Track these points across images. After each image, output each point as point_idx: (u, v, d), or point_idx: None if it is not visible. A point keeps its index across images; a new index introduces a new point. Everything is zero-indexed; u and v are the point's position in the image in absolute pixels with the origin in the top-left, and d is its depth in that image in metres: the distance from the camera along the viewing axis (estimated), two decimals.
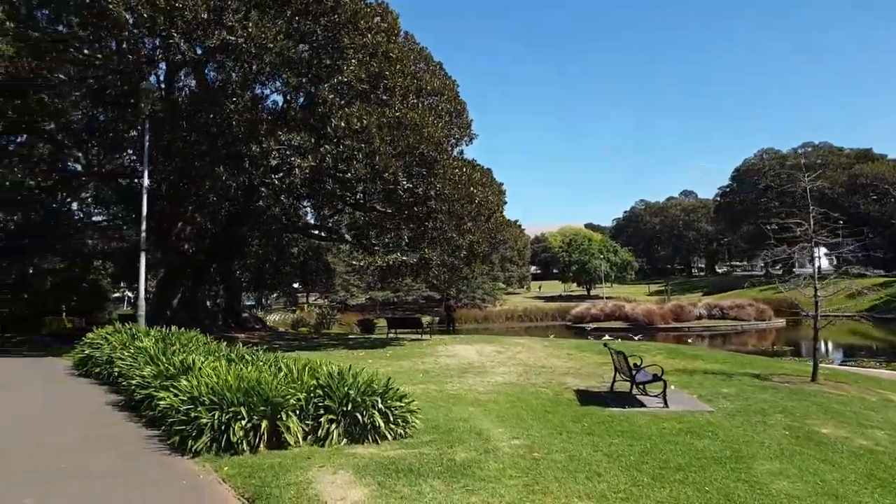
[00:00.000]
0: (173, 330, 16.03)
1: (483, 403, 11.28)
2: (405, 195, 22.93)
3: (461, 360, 18.45)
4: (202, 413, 7.69)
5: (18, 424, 9.48)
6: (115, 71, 21.83)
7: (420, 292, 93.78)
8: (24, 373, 15.88)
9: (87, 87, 26.18)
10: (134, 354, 12.48)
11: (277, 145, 19.67)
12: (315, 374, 8.83)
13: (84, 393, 12.52)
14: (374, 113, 20.05)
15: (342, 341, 27.40)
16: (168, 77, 26.77)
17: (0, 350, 23.45)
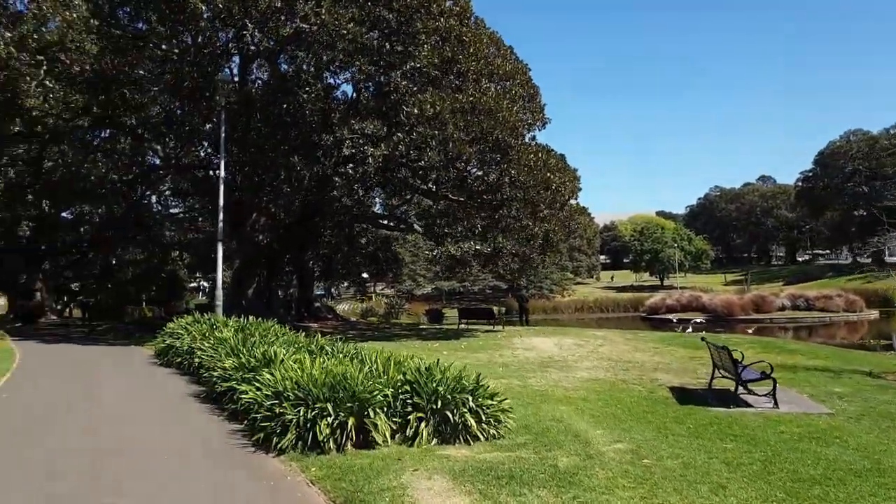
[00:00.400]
0: (250, 320, 16.03)
1: (573, 401, 10.62)
2: (478, 182, 22.38)
3: (540, 353, 17.79)
4: (287, 409, 7.35)
5: (105, 415, 9.44)
6: (192, 63, 22.00)
7: (486, 282, 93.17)
8: (109, 362, 16.18)
9: (165, 82, 26.71)
10: (214, 345, 12.41)
11: (350, 134, 19.44)
12: (401, 369, 8.38)
13: (166, 383, 12.54)
14: (448, 98, 19.52)
15: (414, 331, 27.13)
16: (241, 69, 27.01)
17: (88, 338, 24.23)
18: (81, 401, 10.46)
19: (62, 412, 9.56)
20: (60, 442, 7.76)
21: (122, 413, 9.48)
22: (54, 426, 8.60)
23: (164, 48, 25.53)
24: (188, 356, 13.66)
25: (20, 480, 6.29)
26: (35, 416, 9.22)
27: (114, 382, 12.69)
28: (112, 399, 10.73)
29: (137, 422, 8.88)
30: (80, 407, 9.95)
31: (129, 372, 14.14)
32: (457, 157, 19.23)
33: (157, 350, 17.07)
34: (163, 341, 16.06)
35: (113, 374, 13.90)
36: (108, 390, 11.69)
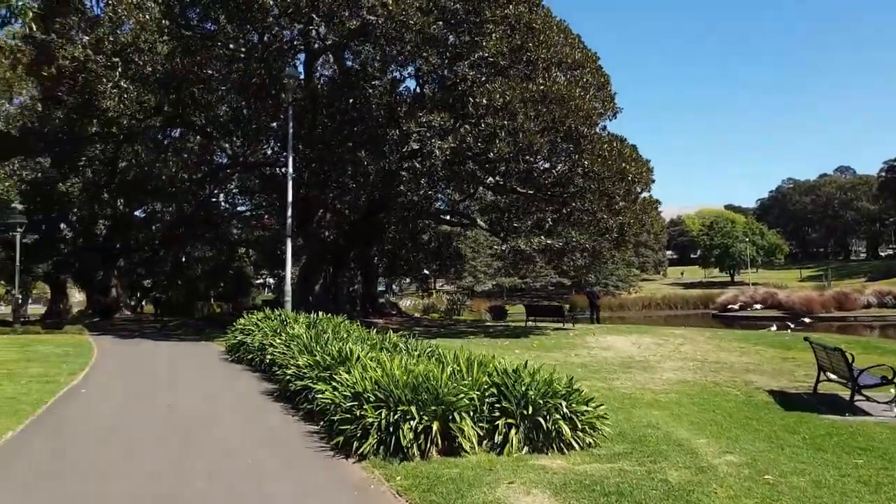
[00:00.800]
0: (320, 316, 15.79)
1: (665, 405, 9.85)
2: (546, 174, 21.65)
3: (618, 352, 16.95)
4: (368, 411, 6.90)
5: (180, 414, 9.25)
6: (259, 60, 22.04)
7: (549, 279, 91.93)
8: (182, 358, 16.25)
9: (232, 81, 27.01)
10: (286, 342, 12.16)
11: (417, 127, 19.00)
12: (485, 370, 7.83)
13: (239, 381, 12.37)
14: (517, 87, 18.86)
15: (480, 328, 26.58)
16: (307, 66, 27.02)
17: (160, 333, 24.67)
18: (156, 399, 10.33)
19: (136, 411, 9.42)
20: (137, 442, 7.54)
21: (197, 413, 9.27)
22: (129, 427, 8.43)
23: (231, 47, 25.77)
24: (260, 353, 13.50)
25: (95, 482, 6.05)
26: (110, 415, 9.10)
27: (187, 380, 12.61)
28: (186, 397, 10.57)
29: (212, 423, 8.62)
30: (154, 405, 9.80)
31: (202, 369, 14.09)
32: (527, 147, 18.56)
33: (227, 346, 17.07)
34: (233, 337, 16.00)
35: (185, 370, 13.88)
36: (181, 387, 11.59)
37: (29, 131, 26.70)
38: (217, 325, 27.18)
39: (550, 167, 21.40)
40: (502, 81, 18.88)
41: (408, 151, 19.26)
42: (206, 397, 10.51)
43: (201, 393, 10.99)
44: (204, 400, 10.27)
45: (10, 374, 12.03)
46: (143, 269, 49.28)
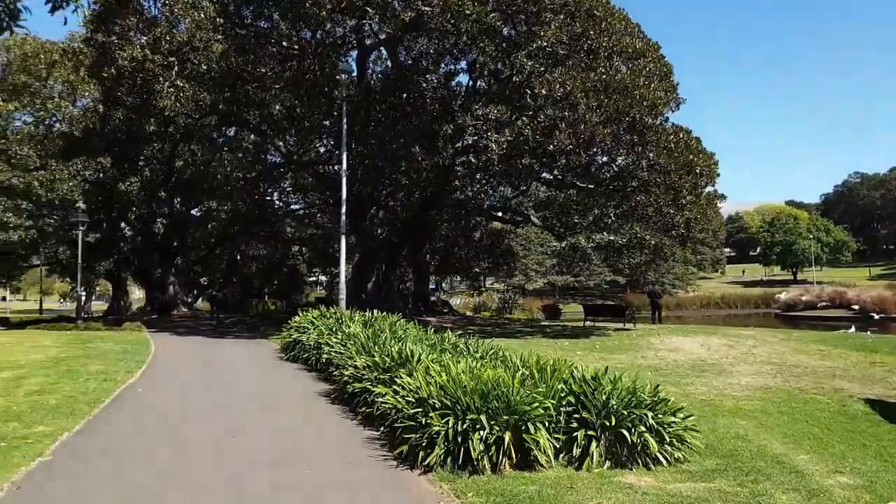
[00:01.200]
0: (375, 314, 15.41)
1: (750, 414, 9.05)
2: (605, 168, 20.80)
3: (687, 354, 16.04)
4: (434, 419, 6.37)
5: (234, 416, 8.92)
6: (313, 55, 21.83)
7: (603, 277, 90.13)
8: (238, 356, 16.09)
9: (285, 79, 26.99)
10: (343, 341, 11.78)
11: (473, 121, 18.42)
12: (561, 376, 7.21)
13: (295, 381, 12.05)
14: (579, 77, 18.08)
15: (536, 328, 25.82)
16: (359, 62, 26.76)
17: (216, 331, 24.77)
18: (210, 400, 10.06)
19: (191, 413, 9.14)
20: (192, 447, 7.20)
21: (252, 417, 8.92)
22: (183, 430, 8.11)
23: (284, 45, 25.71)
24: (315, 352, 13.17)
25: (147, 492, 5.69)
26: (164, 417, 8.82)
27: (242, 380, 12.34)
28: (241, 399, 10.26)
29: (269, 428, 8.23)
30: (209, 407, 9.51)
31: (257, 368, 13.84)
32: (589, 139, 17.78)
33: (283, 344, 16.87)
34: (289, 335, 15.74)
35: (240, 370, 13.65)
36: (236, 388, 11.29)
37: (91, 132, 27.21)
38: (272, 323, 27.20)
39: (611, 160, 20.52)
40: (562, 71, 18.13)
41: (462, 146, 18.70)
42: (261, 399, 10.17)
43: (257, 394, 10.67)
44: (260, 402, 9.93)
45: (71, 372, 11.98)
46: (199, 266, 50.18)
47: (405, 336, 11.29)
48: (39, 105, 34.72)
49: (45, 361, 13.35)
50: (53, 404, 8.79)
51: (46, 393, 9.67)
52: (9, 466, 6.05)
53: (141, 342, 18.33)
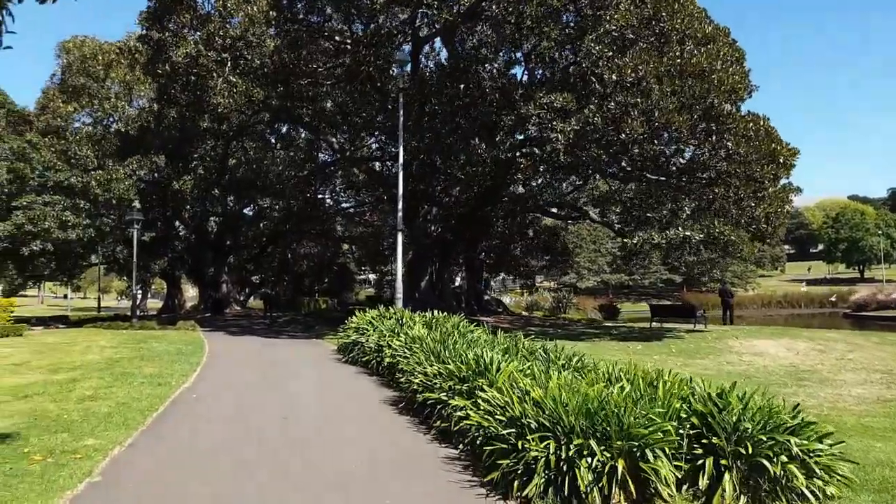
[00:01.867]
0: (436, 314, 14.55)
1: (882, 434, 7.84)
2: (679, 157, 19.49)
3: (776, 360, 14.70)
4: (532, 444, 5.43)
5: (295, 428, 8.16)
6: (368, 46, 21.15)
7: (658, 275, 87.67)
8: (294, 357, 15.44)
9: (336, 76, 26.50)
10: (407, 344, 10.94)
11: (536, 110, 17.39)
12: (675, 391, 6.18)
13: (356, 386, 11.27)
14: (651, 61, 16.86)
15: (601, 329, 24.56)
16: (413, 55, 25.99)
17: (270, 330, 24.35)
18: (268, 409, 9.34)
19: (248, 423, 8.41)
20: (250, 464, 6.43)
21: (315, 428, 8.15)
22: (239, 443, 7.36)
23: (337, 39, 25.16)
24: (376, 354, 12.40)
25: None
26: (220, 429, 8.12)
27: (300, 384, 11.59)
28: (301, 406, 9.51)
29: (334, 442, 7.43)
30: (267, 416, 8.78)
31: (315, 371, 13.12)
32: (663, 127, 16.55)
33: (340, 345, 16.21)
34: (346, 336, 15.03)
35: (298, 373, 12.93)
36: (294, 394, 10.55)
37: (146, 130, 27.18)
38: (325, 322, 26.72)
39: (681, 150, 19.22)
40: (633, 55, 16.94)
41: (525, 137, 17.68)
42: (323, 407, 9.41)
43: (317, 401, 9.93)
44: (321, 411, 9.17)
45: (125, 375, 11.48)
46: (251, 264, 50.33)
47: (476, 340, 10.37)
48: (97, 106, 35.17)
49: (100, 363, 12.94)
50: (105, 412, 8.18)
51: (99, 399, 9.11)
52: (53, 490, 5.37)
53: (195, 342, 17.94)
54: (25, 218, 22.92)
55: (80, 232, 24.50)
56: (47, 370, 12.03)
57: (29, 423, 7.54)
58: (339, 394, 10.62)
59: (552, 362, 8.79)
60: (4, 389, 10.05)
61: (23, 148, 24.17)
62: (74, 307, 69.61)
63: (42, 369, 12.17)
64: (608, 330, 23.79)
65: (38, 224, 23.17)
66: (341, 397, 10.31)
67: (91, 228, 25.52)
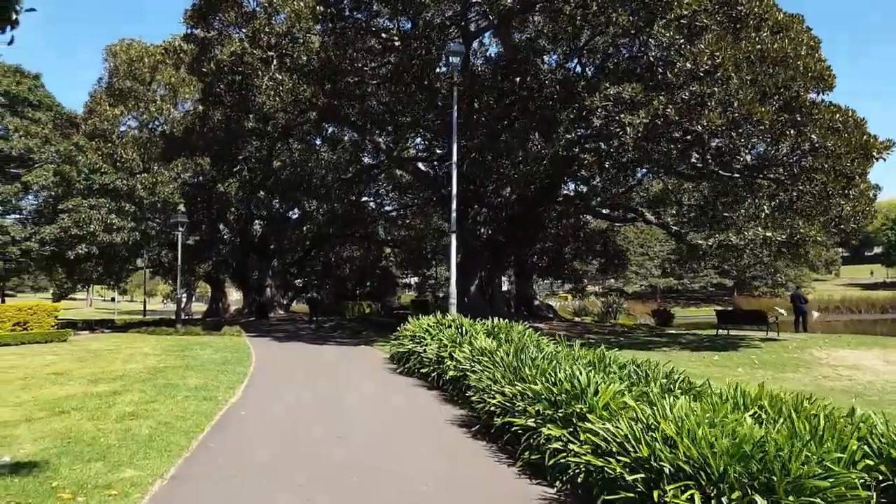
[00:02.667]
0: (498, 322, 13.44)
1: None
2: (745, 152, 18.02)
3: (877, 373, 13.18)
4: (672, 496, 4.27)
5: (354, 453, 7.14)
6: (418, 38, 20.19)
7: (708, 279, 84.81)
8: (345, 366, 14.49)
9: (381, 76, 25.66)
10: (474, 357, 9.84)
11: (602, 102, 16.15)
12: (836, 425, 4.95)
13: (416, 401, 10.21)
14: (728, 47, 15.47)
15: (666, 337, 23.07)
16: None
17: (316, 336, 23.54)
18: (323, 428, 8.34)
19: (302, 446, 7.42)
20: (311, 496, 5.42)
21: (383, 454, 7.11)
22: (294, 472, 6.35)
23: (384, 36, 24.31)
24: (437, 366, 11.35)
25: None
26: (271, 454, 7.14)
27: (355, 398, 10.59)
28: (358, 425, 8.49)
29: (408, 472, 6.37)
30: (323, 438, 7.78)
31: (370, 384, 12.10)
32: (743, 119, 15.13)
33: (392, 353, 15.23)
34: (401, 345, 14.00)
35: (351, 385, 11.95)
36: (350, 410, 9.55)
37: (191, 131, 26.73)
38: (372, 327, 25.85)
39: (756, 143, 17.74)
40: (709, 41, 15.57)
41: (588, 132, 16.47)
42: (385, 427, 8.36)
43: (375, 418, 8.89)
44: (384, 432, 8.12)
45: (168, 387, 10.65)
46: (294, 268, 49.97)
47: (554, 353, 9.19)
48: (143, 109, 35.09)
49: (143, 373, 12.16)
50: (146, 435, 7.28)
51: (140, 417, 8.23)
52: None
53: (241, 349, 17.16)
54: (71, 221, 22.60)
55: (126, 235, 24.12)
56: (88, 381, 11.29)
57: (61, 449, 6.66)
58: (399, 410, 9.57)
59: (650, 381, 7.59)
60: (42, 403, 9.29)
61: (69, 150, 23.90)
62: (121, 310, 70.59)
63: (83, 379, 11.44)
64: (674, 338, 22.31)
65: (84, 227, 22.83)
66: (402, 414, 9.26)
67: (136, 232, 25.16)
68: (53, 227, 22.61)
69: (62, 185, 23.17)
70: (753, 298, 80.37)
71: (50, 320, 18.15)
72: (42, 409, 8.86)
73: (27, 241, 21.88)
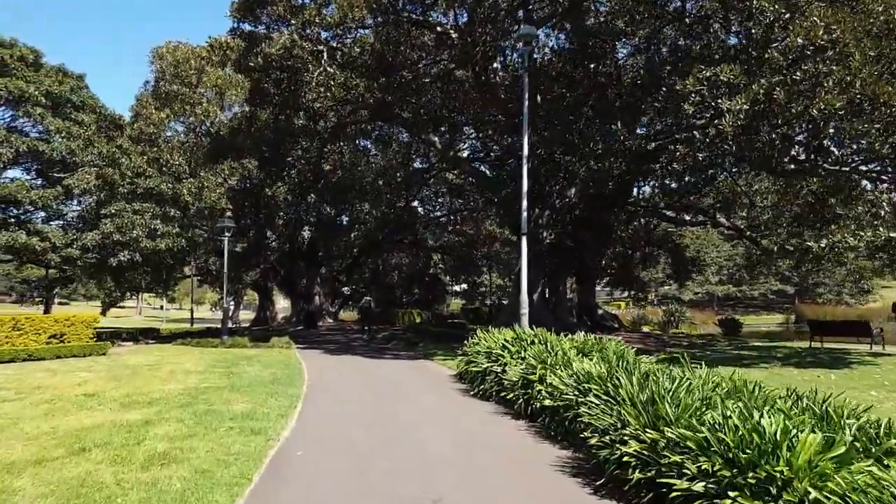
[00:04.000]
0: (588, 338, 11.53)
1: None
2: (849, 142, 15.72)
3: None
4: None
5: (444, 483, 5.37)
6: (483, 22, 18.46)
7: (768, 286, 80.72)
8: (409, 387, 12.72)
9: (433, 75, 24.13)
10: (580, 385, 7.98)
11: (696, 85, 14.13)
12: None
13: (504, 435, 8.41)
14: (848, 18, 13.31)
15: (759, 350, 20.64)
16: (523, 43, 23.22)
17: (370, 347, 21.94)
18: (402, 476, 6.61)
19: (376, 499, 5.70)
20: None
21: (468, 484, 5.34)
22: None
23: (438, 30, 22.70)
24: (523, 391, 9.55)
25: None
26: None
27: (432, 430, 8.82)
28: (447, 471, 6.71)
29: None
30: (408, 491, 6.05)
31: (444, 410, 10.30)
32: (871, 98, 12.92)
33: (460, 371, 13.50)
34: (475, 364, 12.21)
35: (423, 411, 10.18)
36: (430, 447, 7.78)
37: (237, 132, 25.55)
38: (428, 338, 24.18)
39: (848, 133, 15.45)
40: (824, 12, 13.41)
41: (682, 118, 14.44)
42: (479, 478, 6.54)
43: (464, 462, 7.07)
44: (481, 486, 6.31)
45: (210, 413, 9.09)
46: (343, 275, 48.75)
47: (684, 380, 7.25)
48: (189, 112, 34.24)
49: (182, 395, 10.65)
50: (178, 491, 5.64)
51: (172, 461, 6.61)
52: None
53: (291, 365, 15.63)
54: (114, 226, 21.51)
55: (171, 241, 22.95)
56: (120, 405, 9.82)
57: None
58: (489, 450, 7.74)
59: (835, 423, 5.64)
60: (62, 436, 7.80)
61: (113, 153, 22.88)
62: (170, 318, 70.57)
63: (115, 403, 9.98)
64: (766, 351, 19.94)
65: (127, 233, 21.72)
66: (494, 456, 7.42)
67: (181, 238, 24.03)
68: (95, 233, 21.57)
69: (105, 189, 22.16)
70: (817, 306, 76.31)
71: (88, 332, 16.93)
72: (60, 444, 7.36)
73: (68, 247, 20.82)
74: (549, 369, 9.28)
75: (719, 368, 14.96)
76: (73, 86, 23.22)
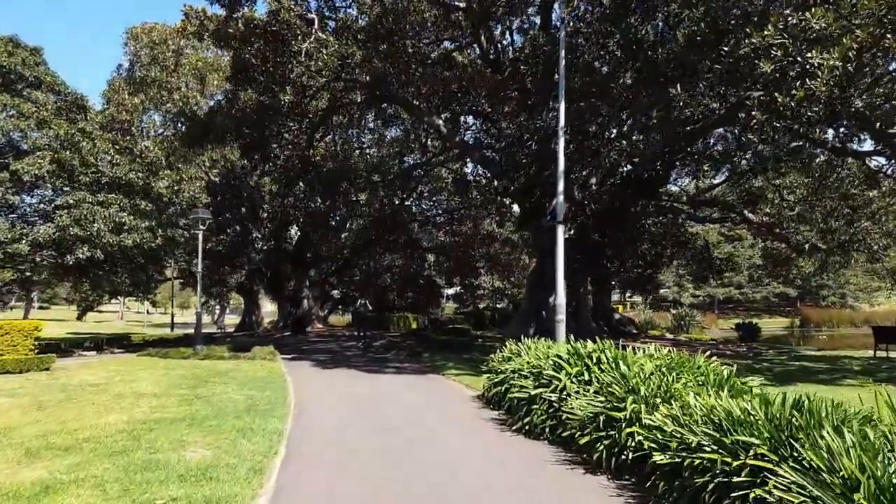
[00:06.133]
0: (665, 353, 8.69)
1: None
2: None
3: None
4: None
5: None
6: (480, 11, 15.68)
7: (771, 289, 78.21)
8: (424, 415, 9.78)
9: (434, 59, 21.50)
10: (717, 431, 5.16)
11: (777, 36, 11.40)
12: None
13: (567, 490, 5.57)
14: None
15: (804, 361, 17.93)
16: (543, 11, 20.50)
17: (366, 357, 19.01)
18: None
19: None
20: None
21: None
22: None
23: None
24: (600, 432, 6.70)
25: None
26: None
27: (463, 488, 5.96)
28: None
29: None
30: None
31: (483, 458, 7.37)
32: None
33: (484, 391, 10.70)
34: (506, 381, 9.38)
35: (452, 456, 7.31)
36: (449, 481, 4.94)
37: (216, 112, 22.60)
38: (433, 346, 21.31)
39: None
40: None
41: (758, 76, 11.68)
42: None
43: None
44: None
45: (150, 468, 6.19)
46: (334, 278, 45.77)
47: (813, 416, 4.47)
48: (167, 98, 31.32)
49: (120, 434, 7.71)
50: None
51: None
52: None
53: (274, 383, 12.69)
54: (71, 219, 18.49)
55: (138, 237, 19.93)
56: (24, 453, 6.87)
57: None
58: (531, 493, 4.87)
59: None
60: None
61: (72, 136, 19.86)
62: (153, 323, 67.21)
63: (18, 448, 7.04)
64: (830, 362, 17.20)
65: (87, 227, 18.70)
66: None
67: (154, 234, 21.03)
68: (49, 226, 18.56)
69: (61, 177, 19.18)
70: (821, 309, 74.23)
71: (27, 343, 13.95)
72: None
73: (16, 242, 17.83)
74: (643, 402, 6.44)
75: (798, 386, 12.16)
76: (27, 59, 20.26)
